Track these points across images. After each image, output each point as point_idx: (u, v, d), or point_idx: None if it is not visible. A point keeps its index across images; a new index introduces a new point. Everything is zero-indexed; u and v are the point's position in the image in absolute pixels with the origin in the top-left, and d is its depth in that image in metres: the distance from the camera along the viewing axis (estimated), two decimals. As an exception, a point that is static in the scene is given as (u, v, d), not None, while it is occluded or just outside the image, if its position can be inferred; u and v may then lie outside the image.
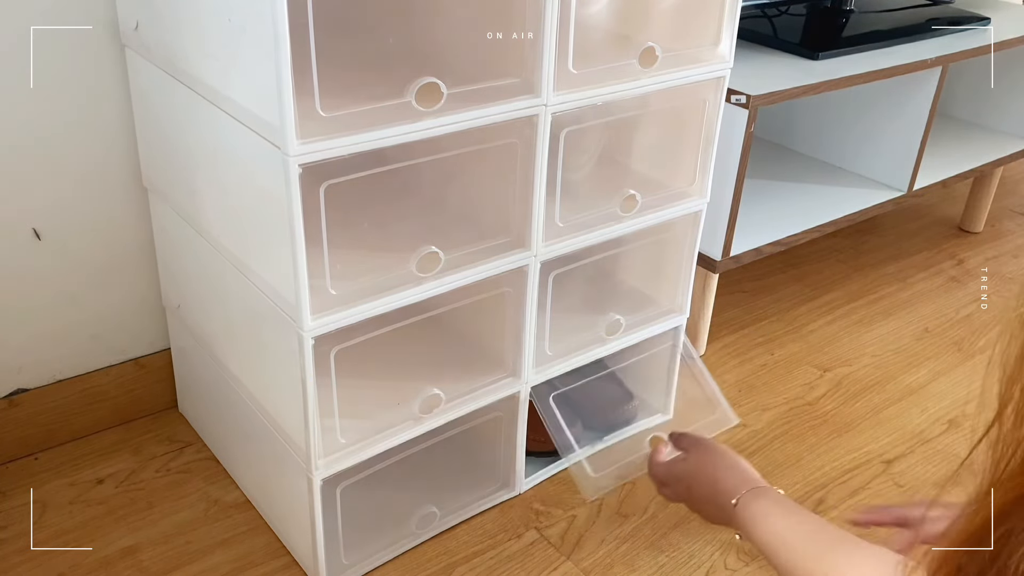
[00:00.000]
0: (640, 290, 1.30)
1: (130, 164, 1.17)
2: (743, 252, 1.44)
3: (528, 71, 0.94)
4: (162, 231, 1.20)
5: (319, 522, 1.01)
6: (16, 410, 1.20)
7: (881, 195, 1.66)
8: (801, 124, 1.82)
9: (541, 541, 1.14)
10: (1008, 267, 1.88)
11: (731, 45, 1.11)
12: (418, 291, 0.96)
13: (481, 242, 1.01)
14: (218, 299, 1.09)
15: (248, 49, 0.81)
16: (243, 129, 0.87)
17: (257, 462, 1.14)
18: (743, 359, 1.54)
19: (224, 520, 1.15)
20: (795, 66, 1.44)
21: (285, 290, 0.90)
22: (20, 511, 1.15)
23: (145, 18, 1.01)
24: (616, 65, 1.02)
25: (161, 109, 1.06)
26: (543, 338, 1.13)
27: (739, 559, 1.14)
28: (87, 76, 1.10)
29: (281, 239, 0.86)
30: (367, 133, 0.84)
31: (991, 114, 1.97)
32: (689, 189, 1.19)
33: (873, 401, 1.45)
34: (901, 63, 1.47)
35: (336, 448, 0.99)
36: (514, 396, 1.13)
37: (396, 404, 1.03)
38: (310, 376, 0.92)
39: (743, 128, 1.30)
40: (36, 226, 1.14)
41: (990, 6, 1.85)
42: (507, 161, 1.00)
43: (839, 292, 1.76)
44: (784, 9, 1.70)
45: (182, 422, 1.31)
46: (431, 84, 0.86)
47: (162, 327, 1.29)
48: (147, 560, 1.09)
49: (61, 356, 1.22)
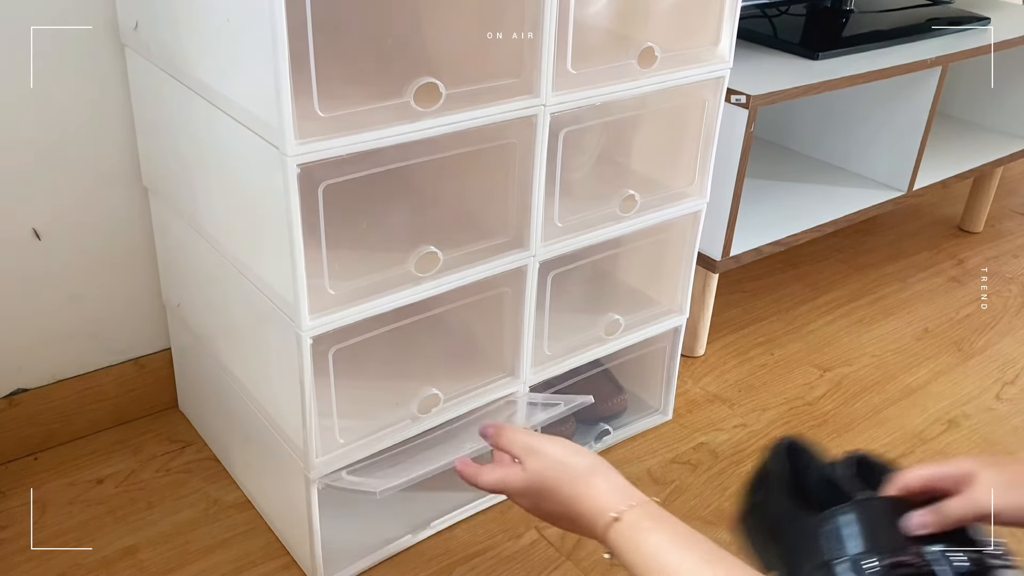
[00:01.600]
0: (639, 290, 1.30)
1: (130, 164, 1.18)
2: (743, 252, 1.44)
3: (527, 71, 0.94)
4: (162, 231, 1.20)
5: (316, 522, 1.01)
6: (16, 410, 1.20)
7: (881, 195, 1.66)
8: (801, 124, 1.82)
9: (541, 541, 1.14)
10: (1008, 267, 1.88)
11: (731, 45, 1.11)
12: (417, 291, 0.96)
13: (480, 242, 1.01)
14: (217, 298, 1.09)
15: (246, 49, 0.82)
16: (242, 129, 0.87)
17: (256, 462, 1.14)
18: (743, 359, 1.54)
19: (224, 520, 1.15)
20: (795, 66, 1.44)
21: (283, 290, 0.90)
22: (20, 511, 1.15)
23: (145, 18, 1.02)
24: (615, 65, 1.02)
25: (161, 109, 1.06)
26: (542, 338, 1.13)
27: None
28: (87, 76, 1.11)
29: (279, 239, 0.86)
30: (365, 133, 0.85)
31: (991, 114, 1.97)
32: (688, 189, 1.19)
33: (873, 401, 1.45)
34: (901, 63, 1.47)
35: (334, 447, 0.99)
36: (512, 396, 1.13)
37: (394, 404, 1.03)
38: (308, 376, 0.92)
39: (743, 128, 1.30)
40: (36, 226, 1.14)
41: (990, 6, 1.85)
42: (506, 161, 1.00)
43: (839, 292, 1.76)
44: (784, 9, 1.70)
45: (182, 422, 1.31)
46: (430, 84, 0.86)
47: (162, 327, 1.29)
48: (147, 560, 1.09)
49: (61, 356, 1.22)
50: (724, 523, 1.18)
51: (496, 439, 0.85)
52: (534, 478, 0.79)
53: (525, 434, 0.83)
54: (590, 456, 0.79)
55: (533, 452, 0.80)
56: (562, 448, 0.80)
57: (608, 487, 0.75)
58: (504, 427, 0.85)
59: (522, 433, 0.83)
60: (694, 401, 1.43)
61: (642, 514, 0.73)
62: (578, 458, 0.78)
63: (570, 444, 0.80)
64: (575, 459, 0.78)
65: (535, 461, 0.79)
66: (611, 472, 0.78)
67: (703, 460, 1.30)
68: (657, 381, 1.35)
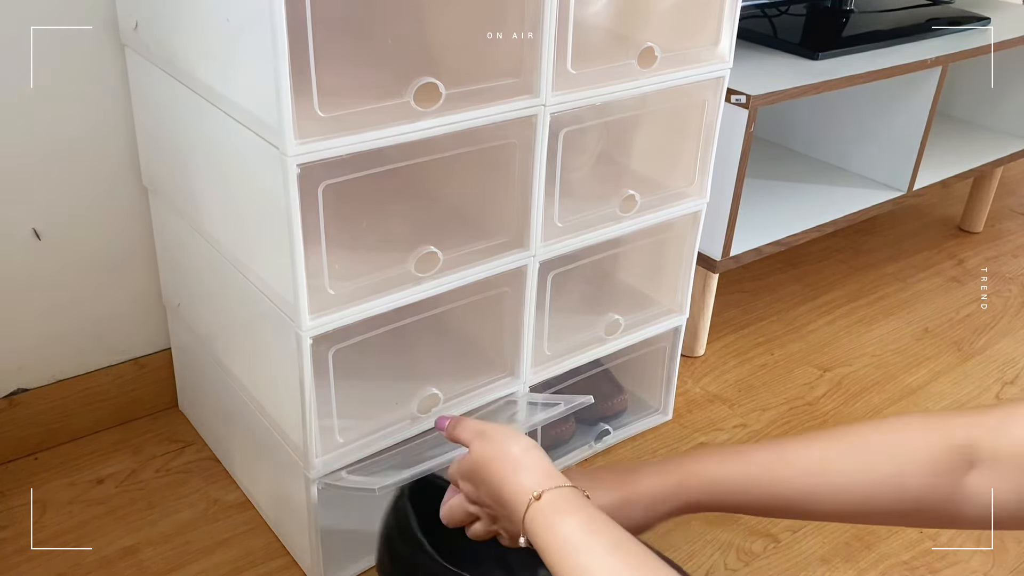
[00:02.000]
0: (639, 290, 1.30)
1: (130, 164, 1.18)
2: (743, 252, 1.44)
3: (527, 71, 0.94)
4: (162, 230, 1.20)
5: (316, 522, 1.01)
6: (16, 410, 1.20)
7: (881, 195, 1.66)
8: (801, 124, 1.82)
9: (540, 541, 1.14)
10: (1008, 267, 1.88)
11: (731, 45, 1.11)
12: (416, 291, 0.96)
13: (480, 242, 1.01)
14: (217, 298, 1.09)
15: (246, 49, 0.82)
16: (242, 129, 0.87)
17: (257, 462, 1.14)
18: (743, 359, 1.54)
19: (224, 520, 1.15)
20: (795, 66, 1.44)
21: (283, 290, 0.90)
22: (20, 511, 1.15)
23: (145, 18, 1.02)
24: (615, 65, 1.02)
25: (161, 109, 1.06)
26: (542, 338, 1.13)
27: (739, 559, 1.14)
28: (87, 76, 1.11)
29: (279, 239, 0.86)
30: (365, 133, 0.85)
31: (991, 114, 1.97)
32: (688, 189, 1.19)
33: (873, 401, 1.45)
34: (901, 63, 1.47)
35: (334, 447, 0.99)
36: (512, 396, 1.13)
37: (394, 404, 1.03)
38: (308, 376, 0.92)
39: (743, 128, 1.30)
40: (36, 226, 1.14)
41: (990, 6, 1.85)
42: (506, 161, 1.00)
43: (839, 292, 1.76)
44: (784, 9, 1.70)
45: (182, 422, 1.31)
46: (430, 84, 0.86)
47: (162, 327, 1.29)
48: (147, 560, 1.09)
49: (61, 356, 1.22)
50: (724, 523, 1.18)
51: (451, 430, 0.86)
52: (476, 460, 0.81)
53: (476, 422, 0.85)
54: (527, 441, 0.80)
55: (480, 436, 0.82)
56: (504, 434, 0.81)
57: (535, 470, 0.76)
58: (459, 418, 0.87)
59: (473, 421, 0.85)
60: (694, 401, 1.43)
61: (561, 497, 0.73)
62: (514, 442, 0.80)
63: (513, 432, 0.82)
64: (511, 443, 0.80)
65: (479, 444, 0.81)
66: (542, 457, 0.78)
67: (703, 460, 1.30)
68: (657, 381, 1.35)
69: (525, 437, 0.81)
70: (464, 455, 0.83)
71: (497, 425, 0.83)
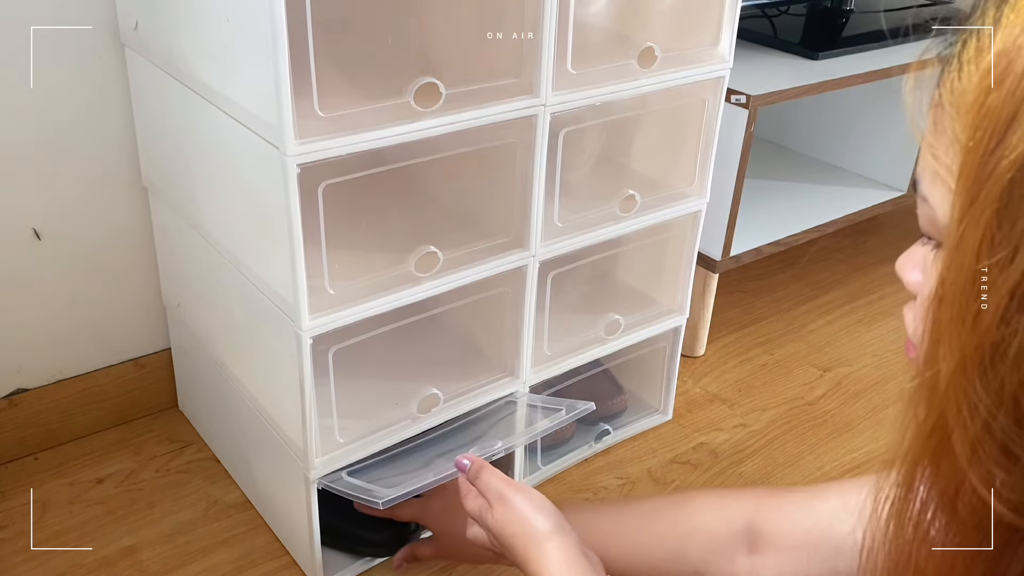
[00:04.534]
0: (639, 290, 1.30)
1: (130, 164, 1.18)
2: (743, 252, 1.44)
3: (527, 71, 0.94)
4: (162, 231, 1.20)
5: (316, 522, 1.01)
6: (16, 410, 1.20)
7: (881, 195, 1.66)
8: (801, 124, 1.82)
9: (540, 541, 1.14)
10: (1009, 267, 1.87)
11: (731, 45, 1.11)
12: (416, 291, 0.96)
13: (479, 242, 1.01)
14: (217, 298, 1.09)
15: (246, 49, 0.82)
16: (241, 129, 0.87)
17: (257, 462, 1.14)
18: (743, 359, 1.54)
19: (224, 520, 1.15)
20: (795, 66, 1.44)
21: (283, 290, 0.90)
22: (20, 511, 1.15)
23: (144, 18, 1.02)
24: (615, 65, 1.02)
25: (161, 109, 1.06)
26: (541, 338, 1.13)
27: (738, 559, 1.14)
28: (87, 76, 1.11)
29: (279, 239, 0.86)
30: (365, 133, 0.85)
31: (991, 114, 1.97)
32: (688, 189, 1.19)
33: (873, 401, 1.45)
34: (901, 63, 1.47)
35: (334, 447, 0.99)
36: (512, 396, 1.13)
37: (394, 404, 1.03)
38: (308, 376, 0.92)
39: (743, 128, 1.30)
40: (36, 226, 1.14)
41: (990, 6, 1.85)
42: (506, 161, 1.00)
43: (839, 292, 1.75)
44: (784, 9, 1.70)
45: (182, 422, 1.31)
46: (430, 84, 0.86)
47: (162, 327, 1.29)
48: (147, 560, 1.09)
49: (61, 356, 1.22)
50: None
51: (473, 478, 0.86)
52: (497, 528, 0.81)
53: (500, 480, 0.84)
54: (553, 517, 0.79)
55: (502, 501, 0.81)
56: (529, 503, 0.80)
57: (558, 558, 0.77)
58: (484, 466, 0.86)
59: (497, 478, 0.84)
60: (694, 401, 1.43)
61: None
62: (540, 518, 0.79)
63: (538, 499, 0.81)
64: (537, 519, 0.79)
65: (502, 511, 0.81)
66: (567, 540, 0.78)
67: (703, 460, 1.30)
68: (657, 381, 1.35)
69: (548, 506, 0.81)
70: (483, 513, 0.83)
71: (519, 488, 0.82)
